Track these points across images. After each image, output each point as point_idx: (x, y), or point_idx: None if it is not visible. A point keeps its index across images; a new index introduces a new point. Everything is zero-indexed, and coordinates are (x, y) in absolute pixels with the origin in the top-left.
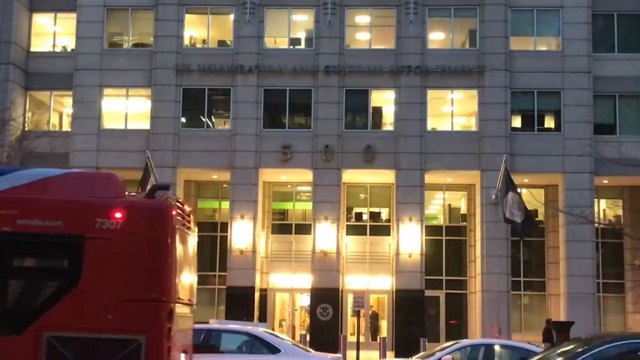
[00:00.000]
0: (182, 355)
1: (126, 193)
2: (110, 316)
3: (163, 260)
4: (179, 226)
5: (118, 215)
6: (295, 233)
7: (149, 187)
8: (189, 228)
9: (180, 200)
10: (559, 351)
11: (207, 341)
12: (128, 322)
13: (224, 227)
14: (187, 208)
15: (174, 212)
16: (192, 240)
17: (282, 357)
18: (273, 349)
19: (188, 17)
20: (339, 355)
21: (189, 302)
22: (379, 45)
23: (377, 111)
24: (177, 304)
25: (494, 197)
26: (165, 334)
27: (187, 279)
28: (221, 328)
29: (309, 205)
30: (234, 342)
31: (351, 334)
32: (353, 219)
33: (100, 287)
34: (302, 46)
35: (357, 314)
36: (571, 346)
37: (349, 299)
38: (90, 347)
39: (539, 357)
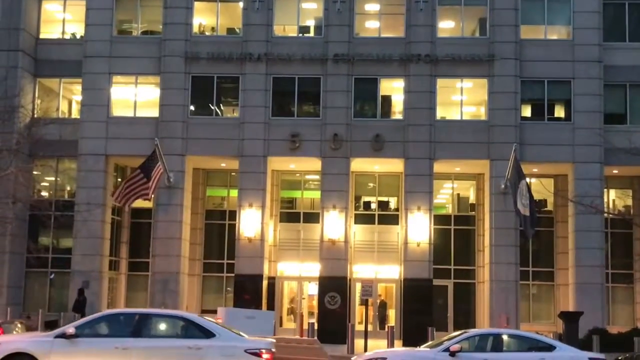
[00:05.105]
0: None
1: None
2: None
3: None
4: None
5: None
6: (304, 222)
7: (156, 174)
8: None
9: None
10: None
11: (140, 326)
12: None
13: (233, 215)
14: None
15: None
16: None
17: (216, 341)
18: (207, 333)
19: (197, 5)
20: (273, 340)
21: None
22: (388, 34)
23: (386, 100)
24: None
25: (503, 186)
26: None
27: None
28: (154, 312)
29: (317, 194)
30: (168, 326)
31: (359, 323)
32: (361, 208)
33: None
34: (312, 34)
35: (365, 302)
36: None
37: (357, 288)
38: None
39: None
